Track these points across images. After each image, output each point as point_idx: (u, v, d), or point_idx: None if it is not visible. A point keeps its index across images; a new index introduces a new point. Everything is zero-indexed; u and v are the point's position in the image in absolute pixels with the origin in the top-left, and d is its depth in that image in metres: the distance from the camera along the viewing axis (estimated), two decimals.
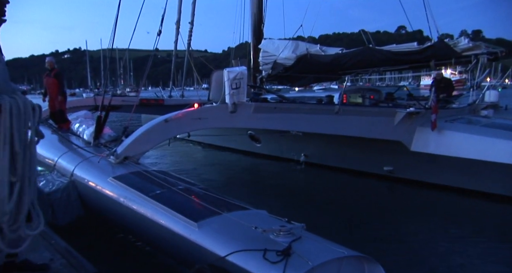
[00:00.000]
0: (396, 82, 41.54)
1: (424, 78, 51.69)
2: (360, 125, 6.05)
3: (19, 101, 2.33)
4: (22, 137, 2.30)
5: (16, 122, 2.24)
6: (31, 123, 2.38)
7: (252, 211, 3.25)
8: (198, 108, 5.18)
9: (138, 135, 4.85)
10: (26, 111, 2.33)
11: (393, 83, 42.36)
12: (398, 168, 6.94)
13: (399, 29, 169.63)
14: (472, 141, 5.66)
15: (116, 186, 3.99)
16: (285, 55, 9.44)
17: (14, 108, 2.26)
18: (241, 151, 10.29)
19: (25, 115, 2.32)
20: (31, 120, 2.38)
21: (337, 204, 6.18)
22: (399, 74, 24.68)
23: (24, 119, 2.32)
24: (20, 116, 2.29)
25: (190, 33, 13.01)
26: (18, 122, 2.26)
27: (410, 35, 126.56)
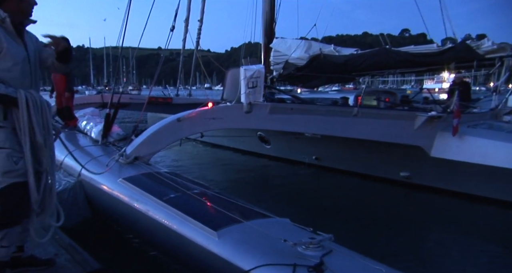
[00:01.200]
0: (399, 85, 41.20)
1: (426, 81, 51.29)
2: (379, 128, 5.81)
3: (35, 95, 2.41)
4: (43, 129, 2.42)
5: (34, 114, 2.35)
6: (49, 116, 2.48)
7: (274, 219, 3.02)
8: (212, 108, 4.96)
9: (149, 134, 4.63)
10: (42, 105, 2.42)
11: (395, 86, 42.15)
12: (415, 174, 6.69)
13: (402, 32, 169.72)
14: (496, 148, 5.40)
15: (126, 188, 3.77)
16: (297, 54, 9.20)
17: (31, 101, 2.34)
18: (249, 152, 10.07)
19: (42, 109, 2.41)
20: (48, 114, 2.48)
21: (349, 210, 5.93)
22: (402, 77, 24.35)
23: (41, 112, 2.41)
24: (37, 109, 2.38)
25: (199, 31, 12.83)
26: (36, 114, 2.36)
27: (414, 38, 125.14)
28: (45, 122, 2.44)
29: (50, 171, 2.49)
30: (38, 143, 2.37)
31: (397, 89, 18.09)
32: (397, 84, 34.94)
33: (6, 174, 2.32)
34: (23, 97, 2.31)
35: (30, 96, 2.35)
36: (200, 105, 5.17)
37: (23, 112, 2.30)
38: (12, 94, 2.28)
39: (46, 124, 2.45)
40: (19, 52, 2.41)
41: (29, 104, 2.32)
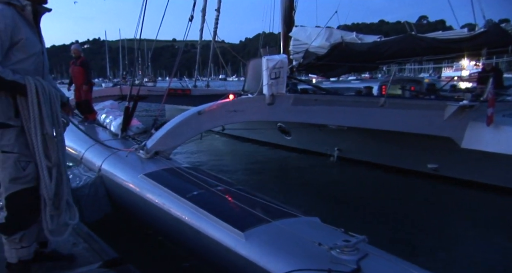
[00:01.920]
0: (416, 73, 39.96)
1: (445, 69, 49.82)
2: (407, 119, 5.54)
3: (43, 82, 2.22)
4: (53, 120, 2.27)
5: (43, 103, 2.19)
6: (57, 107, 2.31)
7: (303, 219, 2.85)
8: (233, 100, 4.78)
9: (169, 128, 4.50)
10: (51, 94, 2.25)
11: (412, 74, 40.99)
12: (443, 165, 6.41)
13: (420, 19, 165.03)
14: None
15: (147, 184, 3.66)
16: (318, 43, 8.88)
17: (40, 89, 2.18)
18: (269, 143, 9.90)
19: (50, 98, 2.25)
20: (58, 104, 2.31)
21: (375, 204, 5.72)
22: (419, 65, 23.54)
23: (50, 101, 2.24)
24: (46, 98, 2.22)
25: (217, 21, 12.63)
26: (45, 103, 2.20)
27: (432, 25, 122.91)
28: (55, 113, 2.28)
29: (61, 166, 2.33)
30: (48, 135, 2.21)
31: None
32: (414, 73, 33.70)
33: (14, 181, 2.21)
34: (32, 83, 2.14)
35: (39, 84, 2.18)
36: (219, 97, 5.02)
37: (32, 100, 2.13)
38: (20, 80, 2.11)
39: (56, 115, 2.29)
40: (35, 43, 2.29)
41: (38, 92, 2.15)
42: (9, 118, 2.17)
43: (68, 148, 5.18)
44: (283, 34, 9.97)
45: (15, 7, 2.17)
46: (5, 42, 2.09)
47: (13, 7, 2.16)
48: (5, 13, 2.09)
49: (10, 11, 2.13)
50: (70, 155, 5.04)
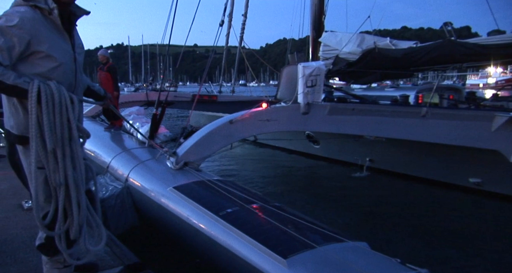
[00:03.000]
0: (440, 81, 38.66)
1: (470, 77, 48.28)
2: (451, 131, 5.16)
3: (53, 87, 1.90)
4: (56, 131, 1.92)
5: (46, 112, 1.88)
6: (71, 116, 1.95)
7: (351, 244, 2.56)
8: (266, 108, 4.54)
9: (200, 137, 4.29)
10: (61, 101, 1.92)
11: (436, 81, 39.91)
12: (487, 180, 5.98)
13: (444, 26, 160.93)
14: None
15: (177, 199, 3.44)
16: (349, 49, 8.59)
17: (44, 95, 1.87)
18: (297, 152, 9.61)
19: (61, 106, 1.92)
20: (70, 113, 1.95)
21: (410, 220, 5.37)
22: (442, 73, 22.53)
23: (60, 110, 1.92)
24: (52, 105, 1.90)
25: (243, 26, 12.47)
26: (48, 112, 1.89)
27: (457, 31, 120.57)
28: (64, 123, 1.93)
29: (71, 187, 1.98)
30: (48, 150, 1.89)
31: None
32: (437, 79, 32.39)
33: (49, 200, 1.99)
34: (34, 88, 1.84)
35: (46, 89, 1.88)
36: (246, 103, 4.79)
37: (31, 108, 1.84)
38: (23, 85, 1.85)
39: (67, 126, 1.95)
40: (65, 50, 2.07)
41: (41, 98, 1.86)
42: (26, 130, 1.94)
43: (95, 155, 5.05)
44: (312, 40, 9.71)
45: (42, 10, 1.96)
46: (17, 47, 1.87)
47: (39, 11, 1.96)
48: (26, 16, 1.89)
49: (33, 14, 1.92)
50: (96, 162, 4.90)
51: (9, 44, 1.84)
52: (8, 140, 2.13)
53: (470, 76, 47.71)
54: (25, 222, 3.50)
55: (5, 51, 1.84)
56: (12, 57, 1.87)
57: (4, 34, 1.84)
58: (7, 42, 1.84)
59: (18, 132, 1.99)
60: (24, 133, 1.96)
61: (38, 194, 1.96)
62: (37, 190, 1.94)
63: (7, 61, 1.85)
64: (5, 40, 1.83)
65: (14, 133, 2.00)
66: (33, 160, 1.88)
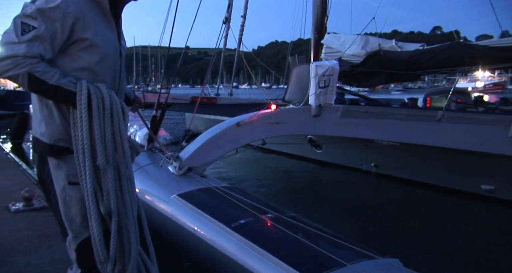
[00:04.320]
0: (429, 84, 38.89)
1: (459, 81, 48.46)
2: (467, 135, 4.93)
3: (104, 91, 1.56)
4: (112, 146, 1.59)
5: (98, 121, 1.54)
6: (122, 128, 1.61)
7: (382, 261, 2.28)
8: (275, 110, 4.26)
9: (205, 140, 3.99)
10: (113, 108, 1.58)
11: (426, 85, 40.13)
12: (501, 187, 5.76)
13: (434, 30, 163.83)
14: None
15: (182, 208, 3.14)
16: (352, 51, 8.35)
17: (96, 100, 1.53)
18: (297, 156, 9.33)
19: (112, 114, 1.58)
20: (122, 124, 1.61)
21: (420, 229, 5.13)
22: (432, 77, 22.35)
23: (111, 119, 1.58)
24: (105, 113, 1.56)
25: (242, 28, 12.21)
26: (100, 121, 1.55)
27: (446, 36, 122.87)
28: (118, 136, 1.61)
29: (124, 216, 1.65)
30: (101, 168, 1.57)
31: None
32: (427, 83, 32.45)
33: (87, 223, 1.63)
34: (83, 90, 1.50)
35: (96, 92, 1.53)
36: (246, 106, 4.52)
37: (81, 115, 1.51)
38: (69, 86, 1.49)
39: (119, 139, 1.62)
40: (111, 40, 1.70)
41: (92, 104, 1.52)
42: (61, 139, 1.61)
43: None
44: (314, 41, 9.45)
45: None
46: (60, 34, 1.50)
47: None
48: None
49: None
50: None
51: (51, 32, 1.47)
52: (36, 150, 1.71)
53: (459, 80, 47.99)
54: (12, 224, 3.41)
55: (48, 41, 1.47)
56: (54, 48, 1.51)
57: (45, 18, 1.46)
58: (50, 29, 1.46)
59: (51, 141, 1.61)
60: (58, 142, 1.60)
61: (76, 218, 1.64)
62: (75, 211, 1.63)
63: (50, 54, 1.49)
64: (46, 26, 1.46)
65: (45, 141, 1.61)
66: (88, 180, 1.55)
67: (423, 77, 7.99)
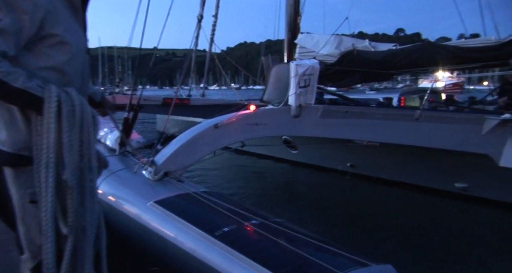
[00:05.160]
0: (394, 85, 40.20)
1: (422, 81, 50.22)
2: (443, 134, 4.97)
3: (74, 97, 1.39)
4: (75, 159, 1.40)
5: (67, 130, 1.37)
6: (91, 139, 1.46)
7: (376, 268, 2.19)
8: (255, 111, 4.12)
9: (181, 144, 3.80)
10: (83, 117, 1.42)
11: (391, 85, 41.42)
12: (474, 185, 5.86)
13: (397, 32, 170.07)
14: None
15: (160, 216, 2.95)
16: (326, 51, 8.38)
17: (66, 107, 1.36)
18: (272, 157, 9.24)
19: (83, 122, 1.42)
20: (92, 134, 1.46)
21: (395, 227, 5.15)
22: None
23: (80, 128, 1.41)
24: (74, 122, 1.39)
25: (214, 27, 12.01)
26: (70, 131, 1.38)
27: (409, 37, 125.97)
28: (86, 148, 1.45)
29: (82, 234, 1.47)
30: (68, 184, 1.38)
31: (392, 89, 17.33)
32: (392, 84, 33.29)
33: None
34: (53, 97, 1.33)
35: (67, 99, 1.37)
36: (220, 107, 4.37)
37: (50, 125, 1.33)
38: (36, 90, 1.31)
39: (88, 152, 1.46)
40: (80, 37, 1.53)
41: (62, 113, 1.35)
42: (25, 148, 1.40)
43: None
44: (287, 41, 9.43)
45: None
46: (28, 28, 1.31)
47: None
48: None
49: None
50: None
51: (17, 25, 1.27)
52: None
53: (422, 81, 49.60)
54: None
55: (12, 35, 1.26)
56: (19, 44, 1.31)
57: (11, 9, 1.26)
58: (15, 21, 1.27)
59: (14, 150, 1.40)
60: (22, 151, 1.39)
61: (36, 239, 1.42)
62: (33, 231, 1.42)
63: (13, 50, 1.29)
64: (12, 19, 1.26)
65: (6, 150, 1.40)
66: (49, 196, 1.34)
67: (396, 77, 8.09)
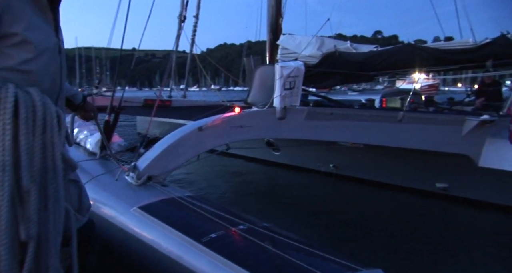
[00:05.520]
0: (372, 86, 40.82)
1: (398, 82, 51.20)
2: (425, 135, 5.04)
3: (36, 97, 1.28)
4: (35, 161, 1.28)
5: (25, 132, 1.24)
6: (56, 141, 1.33)
7: None
8: (240, 114, 4.07)
9: (165, 147, 3.71)
10: (46, 118, 1.30)
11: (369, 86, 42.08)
12: (454, 185, 5.97)
13: (375, 34, 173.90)
14: None
15: (145, 222, 2.86)
16: (308, 52, 8.40)
17: (24, 107, 1.24)
18: (255, 159, 9.21)
19: (45, 125, 1.29)
20: (56, 136, 1.33)
21: (378, 227, 5.20)
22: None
23: (43, 130, 1.29)
24: (33, 123, 1.27)
25: (195, 28, 11.95)
26: (28, 133, 1.25)
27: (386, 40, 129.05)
28: (49, 151, 1.33)
29: (46, 243, 1.34)
30: (24, 187, 1.26)
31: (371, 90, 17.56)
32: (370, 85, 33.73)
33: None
34: (9, 97, 1.23)
35: (26, 99, 1.27)
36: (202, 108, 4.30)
37: (5, 126, 1.23)
38: None
39: (51, 154, 1.34)
40: (48, 35, 1.44)
41: (19, 114, 1.25)
42: None
43: None
44: (269, 43, 9.42)
45: None
46: None
47: None
48: None
49: None
50: None
51: None
52: None
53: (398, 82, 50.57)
54: None
55: None
56: None
57: None
58: None
59: None
60: None
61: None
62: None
63: None
64: None
65: None
66: (6, 201, 1.22)
67: (377, 78, 8.20)
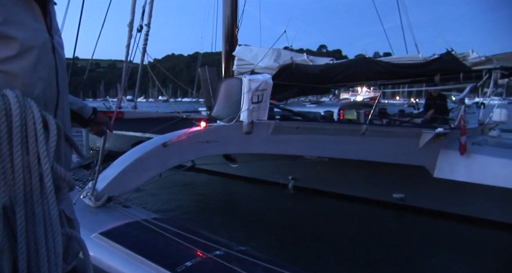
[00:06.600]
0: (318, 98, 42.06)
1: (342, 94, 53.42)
2: (386, 148, 5.15)
3: (12, 101, 1.07)
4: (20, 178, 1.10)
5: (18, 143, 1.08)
6: (42, 152, 1.12)
7: None
8: (205, 128, 3.90)
9: (127, 164, 3.45)
10: (30, 126, 1.11)
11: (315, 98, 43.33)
12: (410, 195, 6.16)
13: (320, 48, 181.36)
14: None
15: (109, 250, 2.59)
16: (265, 64, 8.37)
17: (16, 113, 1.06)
18: (211, 172, 8.98)
19: (27, 135, 1.10)
20: (41, 145, 1.12)
21: (336, 239, 5.26)
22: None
23: (25, 141, 1.10)
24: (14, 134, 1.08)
25: (146, 37, 11.51)
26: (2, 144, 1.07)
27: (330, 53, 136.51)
28: (34, 165, 1.13)
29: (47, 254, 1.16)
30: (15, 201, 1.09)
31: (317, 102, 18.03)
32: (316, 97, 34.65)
33: None
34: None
35: (20, 104, 1.09)
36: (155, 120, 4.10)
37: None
38: None
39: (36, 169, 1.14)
40: (36, 31, 1.24)
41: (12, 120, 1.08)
42: None
43: None
44: (225, 53, 9.27)
45: None
46: None
47: None
48: None
49: None
50: None
51: None
52: None
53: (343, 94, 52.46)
54: None
55: None
56: None
57: None
58: None
59: None
60: None
61: None
62: None
63: None
64: None
65: None
66: None
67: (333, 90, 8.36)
